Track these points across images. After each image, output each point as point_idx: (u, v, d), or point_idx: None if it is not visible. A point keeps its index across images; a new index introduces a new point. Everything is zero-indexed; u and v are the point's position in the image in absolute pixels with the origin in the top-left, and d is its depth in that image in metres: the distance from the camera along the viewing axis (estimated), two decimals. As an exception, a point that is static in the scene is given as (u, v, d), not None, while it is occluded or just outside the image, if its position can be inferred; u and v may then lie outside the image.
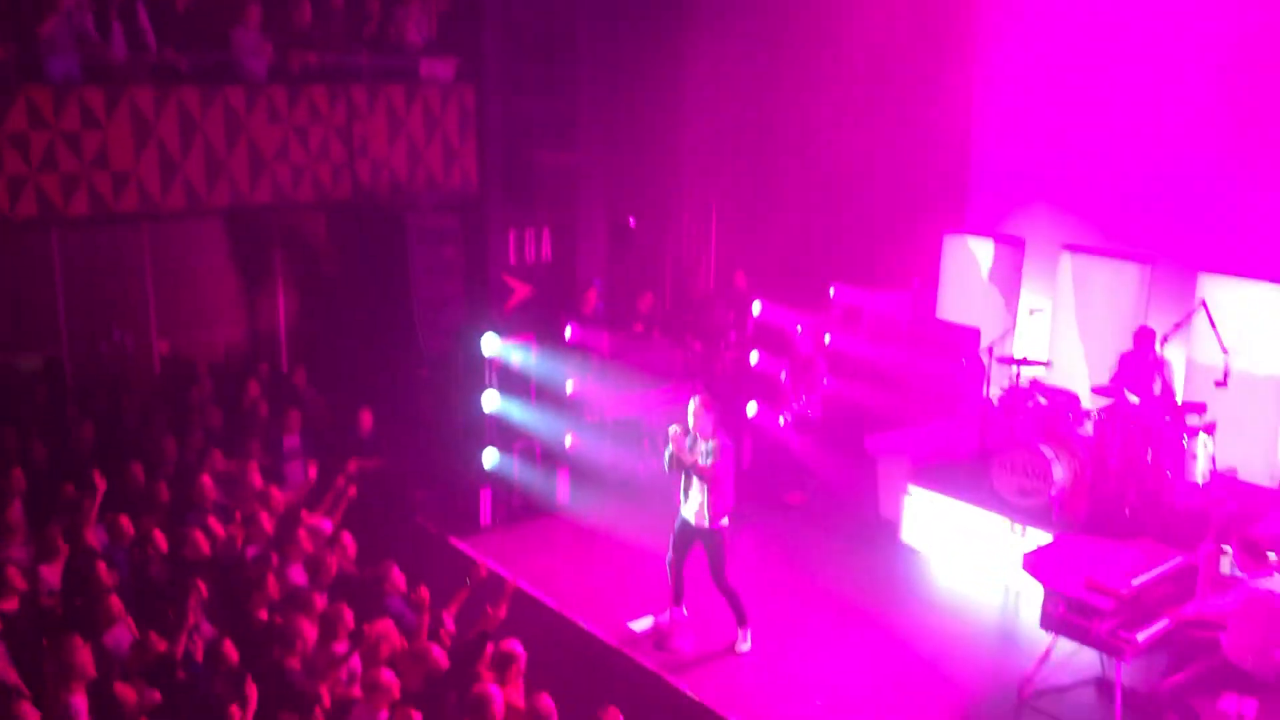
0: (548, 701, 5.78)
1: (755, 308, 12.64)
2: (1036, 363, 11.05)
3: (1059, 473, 9.05)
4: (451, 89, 12.71)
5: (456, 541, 9.82)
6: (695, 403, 8.00)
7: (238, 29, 11.34)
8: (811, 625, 8.58)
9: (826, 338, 12.85)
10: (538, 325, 10.36)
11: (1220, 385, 9.35)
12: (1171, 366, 9.67)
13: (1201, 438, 9.08)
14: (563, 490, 10.55)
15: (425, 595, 6.68)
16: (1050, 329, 11.80)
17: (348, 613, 6.60)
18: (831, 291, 13.54)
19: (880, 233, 13.62)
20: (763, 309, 12.58)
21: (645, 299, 12.39)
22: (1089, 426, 9.50)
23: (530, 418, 10.20)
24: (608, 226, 13.50)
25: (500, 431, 10.15)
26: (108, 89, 10.53)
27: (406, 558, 7.63)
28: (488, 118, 10.82)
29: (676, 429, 7.98)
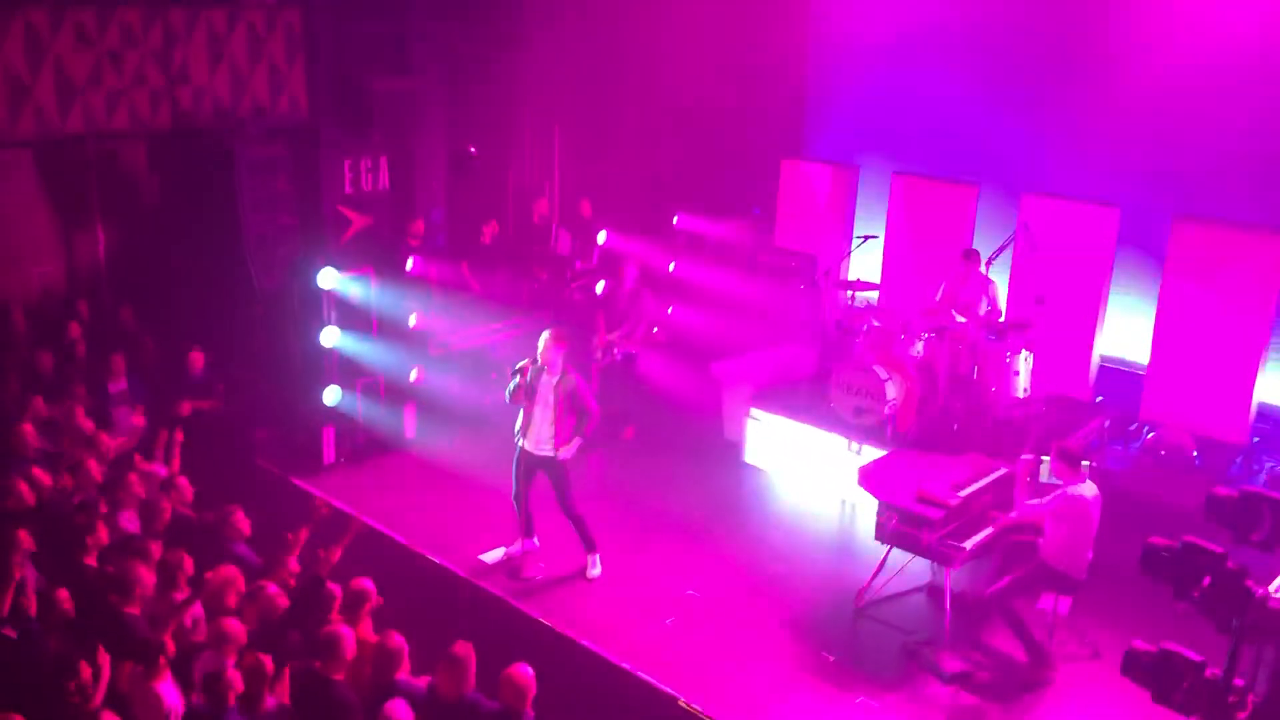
0: (398, 638, 5.77)
1: (600, 237, 12.63)
2: (870, 286, 11.44)
3: (892, 392, 9.41)
4: (277, 10, 12.13)
5: (299, 481, 9.61)
6: (546, 336, 7.90)
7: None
8: (659, 547, 8.77)
9: (671, 266, 12.98)
10: (377, 257, 10.09)
11: (1040, 303, 9.89)
12: (996, 286, 10.12)
13: (1023, 355, 9.56)
14: (409, 425, 10.42)
15: (295, 538, 6.62)
16: (883, 253, 12.21)
17: (187, 560, 6.41)
18: (675, 219, 13.65)
19: (723, 161, 13.76)
20: (608, 238, 12.58)
21: (489, 228, 12.21)
22: (919, 347, 9.88)
23: (373, 352, 10.00)
24: (448, 154, 13.22)
25: (342, 368, 9.92)
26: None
27: (248, 500, 7.42)
28: (317, 40, 10.37)
29: (524, 362, 7.95)
